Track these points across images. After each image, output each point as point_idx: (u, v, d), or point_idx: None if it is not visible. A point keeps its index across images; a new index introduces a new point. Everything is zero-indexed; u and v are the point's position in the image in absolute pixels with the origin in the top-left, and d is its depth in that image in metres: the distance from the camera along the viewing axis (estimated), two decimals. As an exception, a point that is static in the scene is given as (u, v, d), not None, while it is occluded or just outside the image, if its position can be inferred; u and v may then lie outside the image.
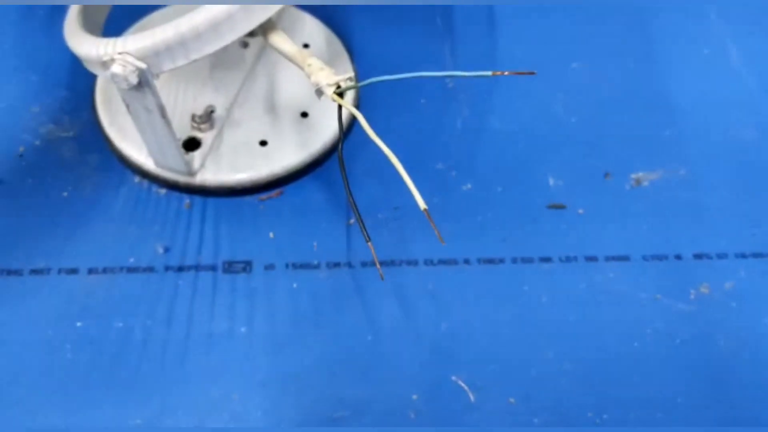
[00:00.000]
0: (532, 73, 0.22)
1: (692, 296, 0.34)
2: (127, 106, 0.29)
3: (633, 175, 0.37)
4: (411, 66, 0.40)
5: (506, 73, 0.22)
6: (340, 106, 0.25)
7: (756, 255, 0.35)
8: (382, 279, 0.31)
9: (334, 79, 0.26)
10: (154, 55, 0.26)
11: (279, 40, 0.28)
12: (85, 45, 0.28)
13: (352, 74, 0.26)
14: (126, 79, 0.26)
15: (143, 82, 0.27)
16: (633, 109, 0.40)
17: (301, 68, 0.28)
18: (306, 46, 0.40)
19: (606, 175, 0.37)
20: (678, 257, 0.35)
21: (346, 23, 0.41)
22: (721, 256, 0.35)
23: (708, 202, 0.37)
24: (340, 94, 0.26)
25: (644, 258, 0.35)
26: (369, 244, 0.24)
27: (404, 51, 0.41)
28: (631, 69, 0.41)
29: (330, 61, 0.34)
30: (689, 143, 0.39)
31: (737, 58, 0.43)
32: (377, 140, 0.23)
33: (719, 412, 0.31)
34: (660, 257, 0.35)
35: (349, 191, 0.25)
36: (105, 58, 0.26)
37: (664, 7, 0.45)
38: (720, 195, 0.37)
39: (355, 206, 0.24)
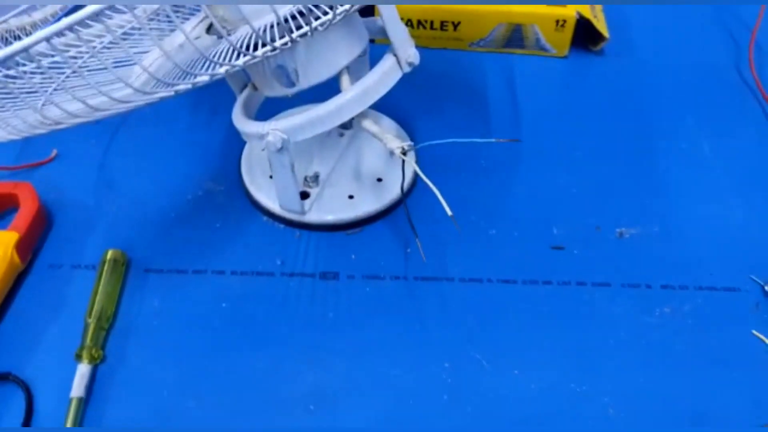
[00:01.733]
0: (516, 140, 0.37)
1: (657, 313, 0.45)
2: (271, 163, 0.46)
3: (618, 230, 0.50)
4: (458, 153, 0.56)
5: (504, 140, 0.37)
6: (403, 161, 0.41)
7: (711, 288, 0.47)
8: (424, 259, 0.45)
9: (401, 144, 0.42)
10: (292, 130, 0.43)
11: (368, 123, 0.45)
12: (250, 126, 0.45)
13: (411, 142, 0.42)
14: (275, 144, 0.43)
15: (284, 147, 0.44)
16: (620, 184, 0.53)
17: (381, 140, 0.44)
18: (383, 135, 0.56)
19: (597, 228, 0.50)
20: (648, 286, 0.47)
21: (410, 122, 0.58)
22: (683, 287, 0.47)
23: (675, 251, 0.49)
24: (404, 154, 0.42)
25: (621, 285, 0.47)
26: (417, 240, 0.38)
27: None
28: (620, 155, 0.56)
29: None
30: (663, 209, 0.52)
31: (708, 151, 0.56)
32: (424, 177, 0.38)
33: (670, 393, 0.42)
34: (634, 285, 0.47)
35: (408, 213, 0.40)
36: (263, 132, 0.44)
37: (650, 112, 0.59)
38: (685, 247, 0.49)
39: (411, 220, 0.39)
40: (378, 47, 0.48)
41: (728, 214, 0.52)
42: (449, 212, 0.37)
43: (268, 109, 0.51)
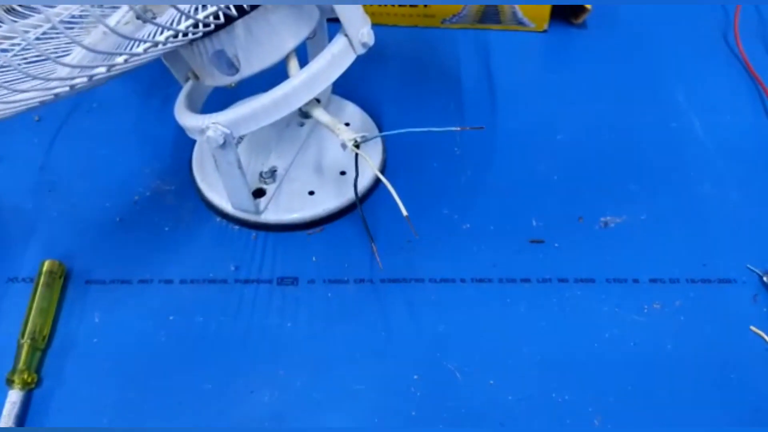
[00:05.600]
0: (481, 128, 0.33)
1: (645, 310, 0.42)
2: (216, 161, 0.42)
3: (602, 219, 0.46)
4: (430, 139, 0.51)
5: (467, 128, 0.33)
6: (357, 154, 0.37)
7: (704, 281, 0.43)
8: (380, 267, 0.41)
9: (353, 136, 0.38)
10: (234, 124, 0.39)
11: (319, 113, 0.40)
12: (190, 119, 0.41)
13: (364, 133, 0.38)
14: (216, 140, 0.39)
15: (227, 143, 0.39)
16: (605, 169, 0.49)
17: (333, 131, 0.39)
18: (347, 124, 0.52)
19: (579, 218, 0.46)
20: (636, 281, 0.43)
21: (378, 107, 0.53)
22: (674, 281, 0.43)
23: (664, 240, 0.45)
24: (357, 146, 0.37)
25: (607, 280, 0.43)
26: (373, 245, 0.34)
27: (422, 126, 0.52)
28: (605, 138, 0.51)
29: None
30: (651, 194, 0.47)
31: (700, 129, 0.52)
32: (379, 174, 0.34)
33: (662, 398, 0.38)
34: (620, 280, 0.43)
35: (363, 214, 0.36)
36: (203, 126, 0.39)
37: (637, 89, 0.55)
38: (675, 236, 0.45)
39: (365, 221, 0.35)
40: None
41: (722, 197, 0.48)
42: (404, 213, 0.32)
43: (227, 99, 0.46)
